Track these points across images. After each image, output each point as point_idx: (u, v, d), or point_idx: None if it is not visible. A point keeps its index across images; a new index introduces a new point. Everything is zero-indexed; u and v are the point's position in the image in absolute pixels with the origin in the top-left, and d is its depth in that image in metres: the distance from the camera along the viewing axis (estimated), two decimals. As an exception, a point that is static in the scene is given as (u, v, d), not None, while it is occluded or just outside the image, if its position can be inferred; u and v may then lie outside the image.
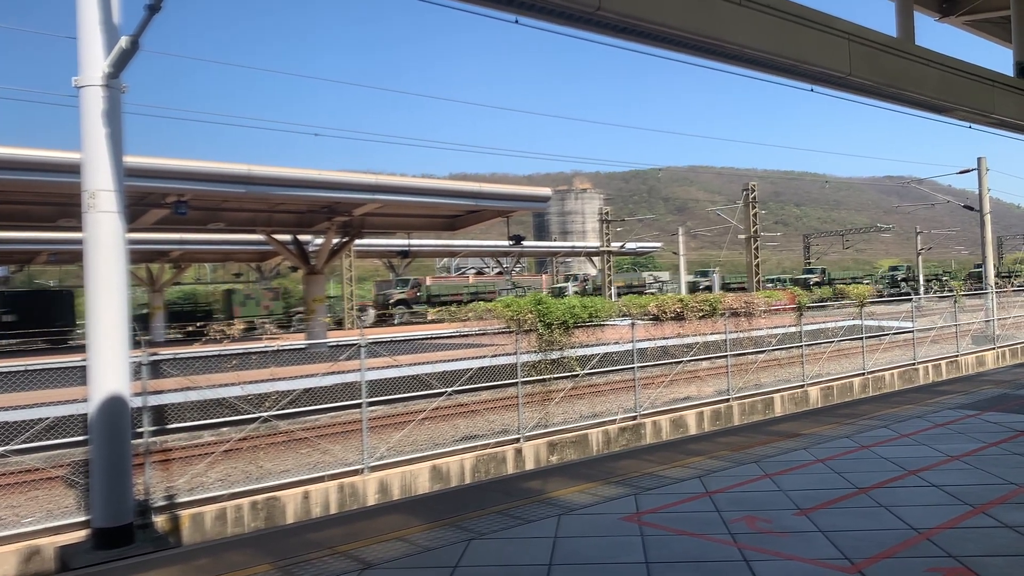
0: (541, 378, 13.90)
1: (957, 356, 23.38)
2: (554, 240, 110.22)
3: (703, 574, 5.57)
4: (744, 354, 17.70)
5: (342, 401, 13.17)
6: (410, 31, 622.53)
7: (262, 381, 11.98)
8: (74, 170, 9.28)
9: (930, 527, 6.35)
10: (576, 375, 14.36)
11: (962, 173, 34.25)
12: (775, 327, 18.76)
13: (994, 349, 25.38)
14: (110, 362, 8.40)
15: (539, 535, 6.65)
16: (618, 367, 15.74)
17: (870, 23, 11.45)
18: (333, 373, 12.66)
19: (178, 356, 10.78)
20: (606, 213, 53.11)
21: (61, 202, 19.71)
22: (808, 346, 18.88)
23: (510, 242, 33.60)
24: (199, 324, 40.96)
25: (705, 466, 9.05)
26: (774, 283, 64.44)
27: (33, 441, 9.97)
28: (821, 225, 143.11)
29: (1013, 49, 14.71)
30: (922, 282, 64.68)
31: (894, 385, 20.41)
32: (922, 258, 68.33)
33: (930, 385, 19.84)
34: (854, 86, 11.88)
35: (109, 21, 8.48)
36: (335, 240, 25.54)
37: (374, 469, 11.06)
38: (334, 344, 14.37)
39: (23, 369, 9.62)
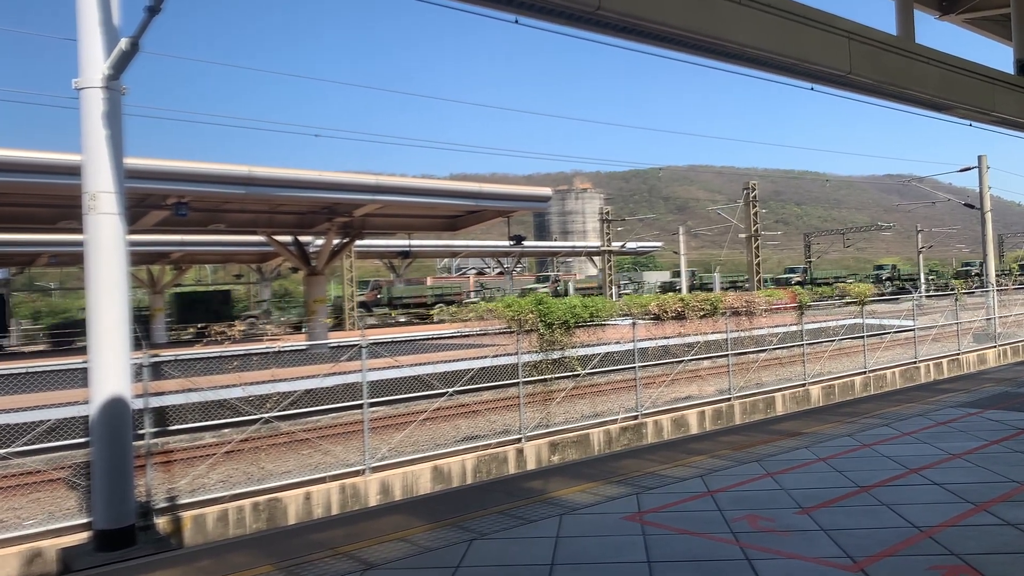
0: (542, 378, 13.90)
1: (958, 354, 23.36)
2: (555, 240, 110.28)
3: (705, 573, 5.57)
4: (745, 353, 17.70)
5: (343, 402, 13.17)
6: (410, 33, 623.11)
7: (263, 382, 11.99)
8: (75, 172, 9.28)
9: (932, 525, 6.34)
10: (577, 375, 14.36)
11: (963, 171, 34.24)
12: (776, 326, 18.76)
13: (995, 347, 25.36)
14: (111, 364, 8.40)
15: (541, 535, 6.65)
16: (619, 367, 15.74)
17: (870, 22, 11.44)
18: (334, 374, 12.66)
19: (179, 357, 10.79)
20: (606, 213, 53.13)
21: (62, 204, 19.70)
22: (809, 345, 18.88)
23: (511, 242, 33.63)
24: (200, 326, 40.98)
25: (707, 465, 9.05)
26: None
27: (35, 443, 9.98)
28: (822, 224, 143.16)
29: (1013, 47, 14.69)
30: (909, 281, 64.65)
31: (895, 383, 20.40)
32: (923, 256, 68.29)
33: (932, 383, 19.84)
34: (855, 85, 11.87)
35: (109, 23, 8.49)
36: (336, 241, 25.53)
37: (376, 470, 11.06)
38: (335, 345, 14.37)
39: (24, 371, 9.63)
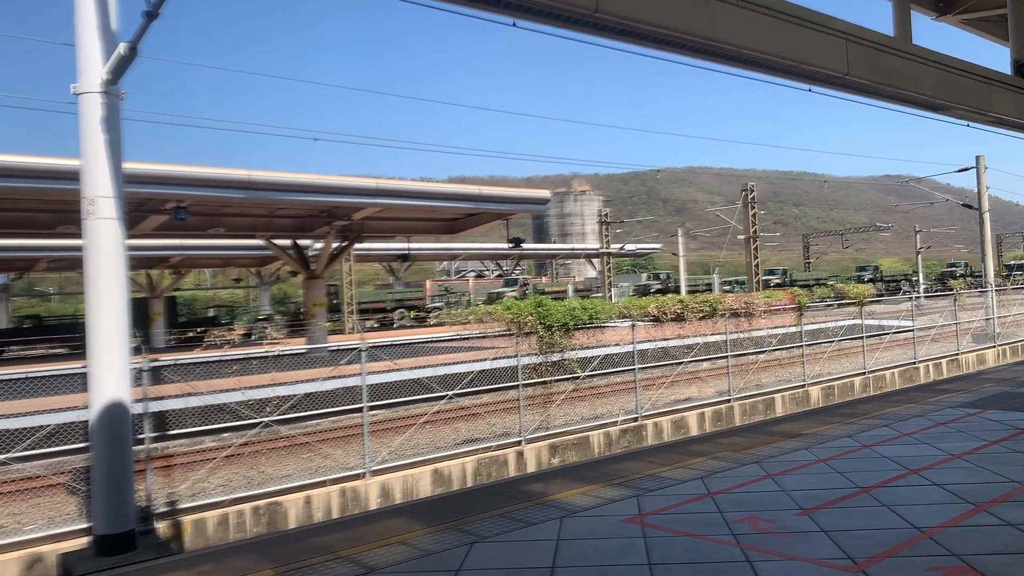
0: (542, 380, 13.90)
1: (958, 354, 23.38)
2: (554, 242, 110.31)
3: (706, 575, 5.57)
4: (745, 354, 17.71)
5: (343, 405, 13.17)
6: (409, 36, 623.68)
7: (263, 386, 11.98)
8: (73, 177, 9.28)
9: (932, 526, 6.35)
10: (577, 377, 14.36)
11: (961, 171, 34.26)
12: (775, 327, 18.77)
13: (995, 347, 25.38)
14: (111, 368, 8.40)
15: (542, 538, 6.65)
16: (619, 369, 15.73)
17: (867, 23, 11.46)
18: (334, 377, 12.65)
19: (179, 362, 10.78)
20: (605, 215, 53.13)
21: (60, 209, 19.71)
22: (809, 346, 18.89)
23: (510, 244, 33.65)
24: (199, 330, 40.95)
25: (707, 467, 9.05)
26: (732, 286, 63.28)
27: (35, 448, 9.97)
28: (820, 225, 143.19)
29: (1010, 47, 14.72)
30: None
31: (895, 384, 20.41)
32: (922, 257, 68.33)
33: (931, 384, 19.84)
34: (852, 86, 11.89)
35: (107, 28, 8.50)
36: (335, 244, 25.55)
37: (376, 473, 11.06)
38: (335, 348, 14.37)
39: (24, 376, 9.62)
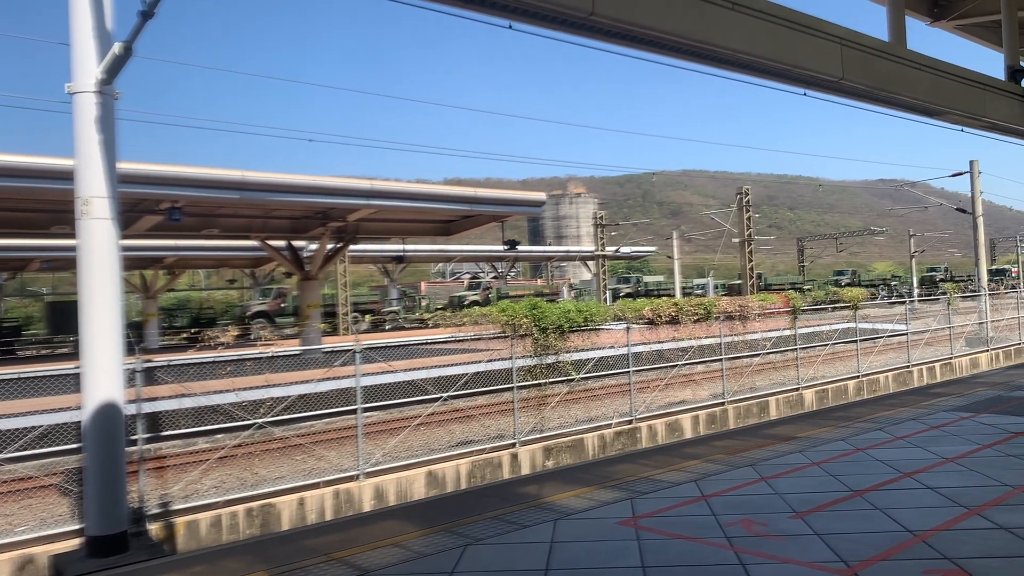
0: (537, 383, 13.90)
1: (951, 358, 23.45)
2: (549, 245, 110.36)
3: (700, 578, 5.57)
4: (739, 357, 17.73)
5: (337, 407, 13.14)
6: (405, 38, 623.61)
7: (257, 387, 11.95)
8: (67, 177, 9.25)
9: (926, 529, 6.36)
10: (572, 379, 14.36)
11: (955, 176, 34.39)
12: (770, 330, 18.80)
13: (988, 351, 25.47)
14: (104, 369, 8.37)
15: (535, 540, 6.64)
16: (613, 371, 15.74)
17: (862, 27, 11.50)
18: (328, 379, 12.63)
19: (172, 363, 10.75)
20: (600, 217, 53.18)
21: (54, 209, 19.63)
22: (803, 349, 18.92)
23: (505, 247, 33.65)
24: (193, 331, 40.80)
25: (701, 470, 9.06)
26: (705, 289, 63.08)
27: (26, 449, 9.92)
28: (815, 228, 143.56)
29: (1004, 53, 14.80)
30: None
31: (888, 387, 20.45)
32: (915, 260, 68.57)
33: (924, 387, 19.89)
34: (847, 90, 11.94)
35: (102, 27, 8.48)
36: (330, 246, 25.51)
37: (369, 475, 11.03)
38: (329, 350, 14.34)
39: (16, 377, 9.58)
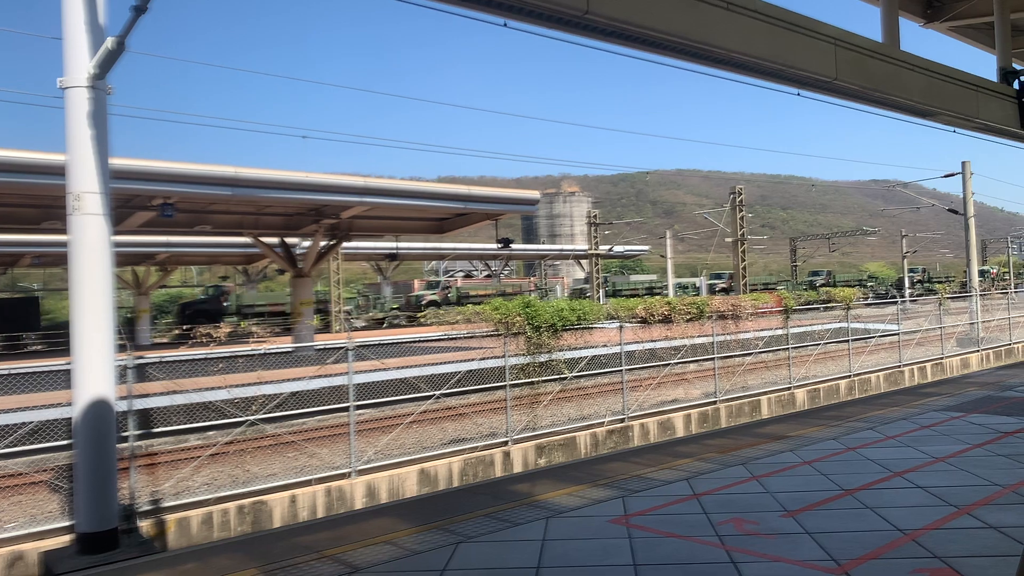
0: (529, 381, 13.91)
1: (942, 358, 23.56)
2: (543, 243, 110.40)
3: (691, 576, 5.59)
4: (731, 356, 17.77)
5: (330, 404, 13.12)
6: (400, 35, 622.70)
7: (249, 384, 11.92)
8: (59, 172, 9.21)
9: (916, 528, 6.39)
10: (564, 378, 14.38)
11: (947, 177, 34.54)
12: (762, 330, 18.85)
13: (978, 351, 25.59)
14: (95, 366, 8.33)
15: (527, 538, 6.65)
16: (606, 370, 15.76)
17: (856, 28, 11.54)
18: (320, 376, 12.61)
19: (164, 359, 10.71)
20: (594, 216, 53.22)
21: (46, 204, 19.56)
22: (795, 348, 18.98)
23: (498, 245, 33.63)
24: (184, 328, 40.65)
25: (693, 468, 9.08)
26: (685, 289, 61.29)
27: (16, 445, 9.88)
28: (808, 228, 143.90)
29: (996, 55, 14.86)
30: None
31: (880, 387, 20.54)
32: (907, 261, 68.83)
33: (915, 387, 19.98)
34: (840, 90, 11.97)
35: (95, 22, 8.43)
36: (323, 243, 25.47)
37: (361, 473, 11.02)
38: (321, 347, 14.32)
39: (6, 372, 9.53)
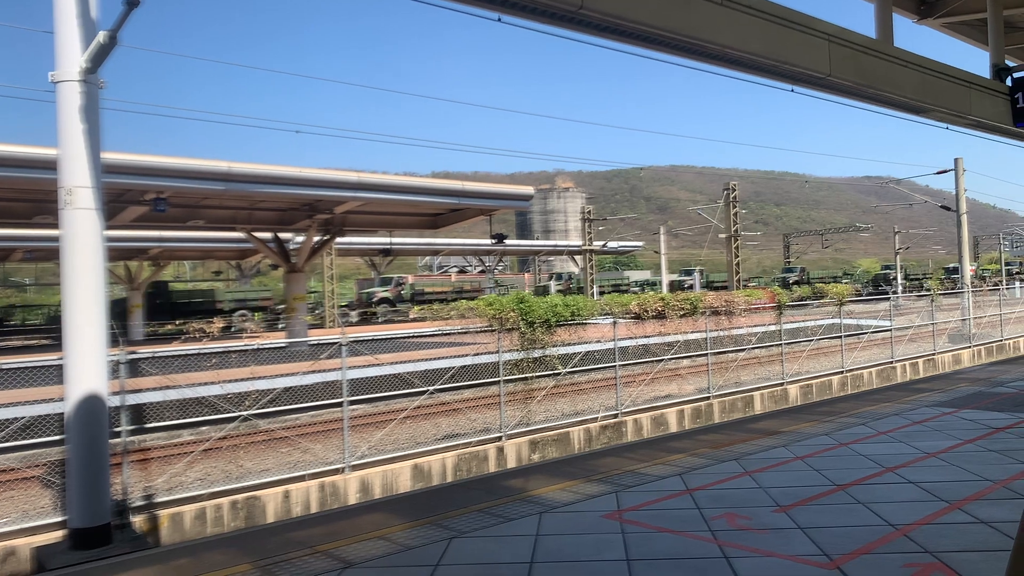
0: (523, 376, 13.92)
1: (934, 354, 23.66)
2: (536, 239, 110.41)
3: (684, 571, 5.60)
4: (724, 352, 17.82)
5: (323, 400, 13.11)
6: (394, 30, 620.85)
7: (242, 380, 11.90)
8: (51, 166, 9.16)
9: (907, 523, 6.42)
10: (558, 373, 14.39)
11: (940, 174, 34.70)
12: (755, 326, 18.90)
13: (970, 347, 25.72)
14: (87, 360, 8.31)
15: (520, 533, 6.66)
16: (600, 365, 15.79)
17: (849, 24, 11.56)
18: (314, 372, 12.60)
19: (157, 354, 10.68)
20: (588, 212, 53.25)
21: (37, 199, 19.46)
22: (788, 344, 19.03)
23: (493, 240, 33.65)
24: (177, 323, 40.49)
25: (686, 463, 9.10)
26: (643, 287, 60.39)
27: (8, 441, 9.85)
28: (801, 224, 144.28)
29: (989, 51, 14.90)
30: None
31: (872, 383, 20.62)
32: (900, 257, 69.08)
33: (908, 383, 20.07)
34: (834, 87, 11.99)
35: (87, 15, 8.39)
36: (316, 238, 25.41)
37: (355, 468, 11.02)
38: (315, 343, 14.31)
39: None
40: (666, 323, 16.80)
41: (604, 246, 59.52)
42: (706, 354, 16.98)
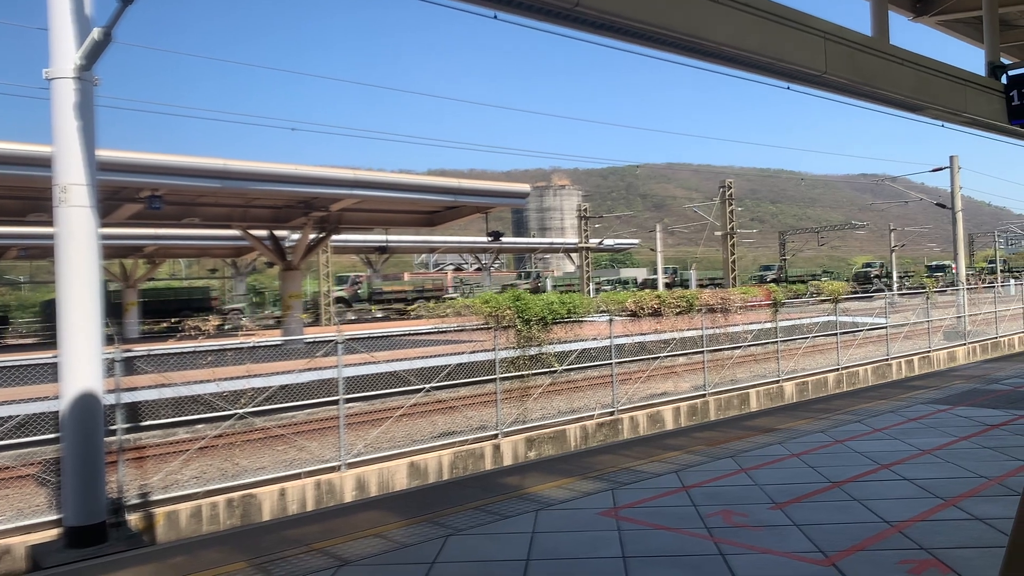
0: (519, 374, 13.92)
1: (929, 352, 23.73)
2: (533, 236, 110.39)
3: (680, 568, 5.61)
4: (720, 350, 17.84)
5: (319, 398, 13.09)
6: (390, 26, 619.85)
7: (238, 378, 11.88)
8: (45, 164, 9.13)
9: (902, 520, 6.44)
10: (554, 371, 14.39)
11: (935, 171, 34.74)
12: (751, 323, 18.92)
13: (965, 345, 25.79)
14: (83, 359, 8.28)
15: (517, 530, 6.66)
16: (596, 363, 15.79)
17: (845, 22, 11.56)
18: (310, 369, 12.58)
19: (152, 352, 10.66)
20: (584, 210, 53.24)
21: (32, 196, 19.38)
22: (783, 342, 19.06)
23: (489, 238, 33.58)
24: (173, 320, 40.40)
25: (682, 461, 9.11)
26: (613, 285, 59.55)
27: (3, 439, 9.82)
28: (797, 222, 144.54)
29: (985, 49, 14.90)
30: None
31: (868, 380, 20.67)
32: (895, 255, 69.21)
33: (903, 380, 20.10)
34: (830, 84, 11.98)
35: (81, 12, 8.35)
36: (312, 236, 25.36)
37: (351, 466, 11.01)
38: (311, 340, 14.29)
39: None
40: (662, 320, 16.81)
41: (600, 244, 59.53)
42: (702, 351, 17.01)
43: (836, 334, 20.75)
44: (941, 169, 33.69)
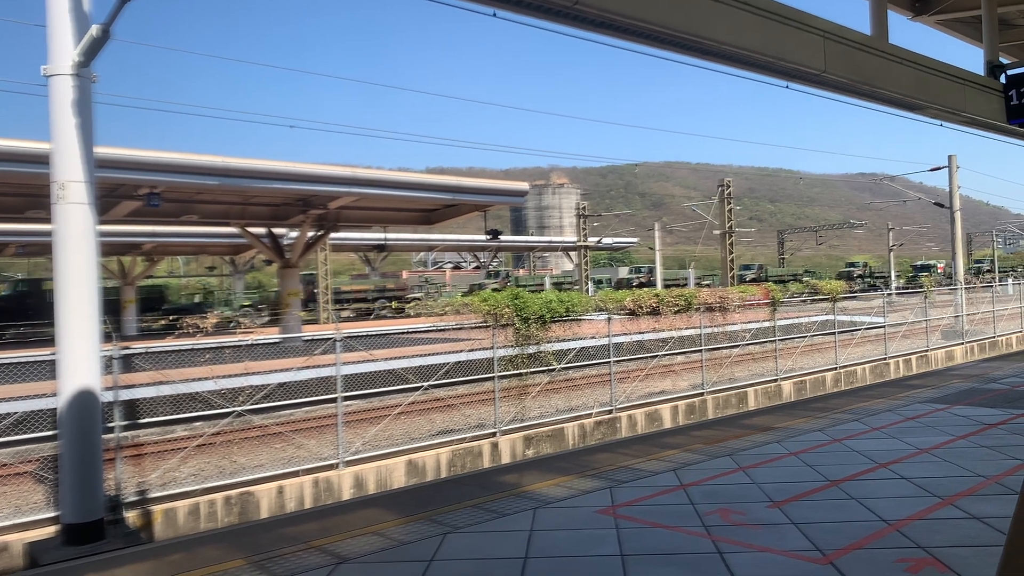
0: (518, 372, 13.92)
1: (927, 351, 23.75)
2: (531, 235, 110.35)
3: (678, 566, 5.61)
4: (718, 348, 17.85)
5: (317, 395, 13.08)
6: (387, 23, 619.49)
7: (236, 375, 11.87)
8: (43, 160, 9.11)
9: (900, 519, 6.44)
10: (552, 369, 14.40)
11: (933, 170, 34.73)
12: (749, 322, 18.93)
13: (963, 344, 25.82)
14: (80, 356, 8.28)
15: (515, 528, 6.66)
16: (594, 361, 15.80)
17: (844, 21, 11.56)
18: (308, 367, 12.57)
19: (150, 350, 10.65)
20: (583, 208, 53.24)
21: (30, 193, 19.35)
22: (781, 341, 19.07)
23: (487, 236, 33.57)
24: (171, 318, 40.32)
25: (680, 459, 9.12)
26: (598, 284, 58.25)
27: (1, 436, 9.81)
28: (795, 221, 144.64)
29: (984, 49, 14.91)
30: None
31: (866, 379, 20.69)
32: (893, 254, 69.26)
33: (901, 379, 20.12)
34: (829, 83, 11.99)
35: (79, 9, 8.33)
36: (310, 233, 25.35)
37: (349, 464, 11.01)
38: (309, 338, 14.28)
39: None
40: (660, 319, 16.82)
41: (599, 242, 59.54)
42: (700, 350, 17.01)
43: (834, 333, 20.77)
44: (939, 168, 33.70)
